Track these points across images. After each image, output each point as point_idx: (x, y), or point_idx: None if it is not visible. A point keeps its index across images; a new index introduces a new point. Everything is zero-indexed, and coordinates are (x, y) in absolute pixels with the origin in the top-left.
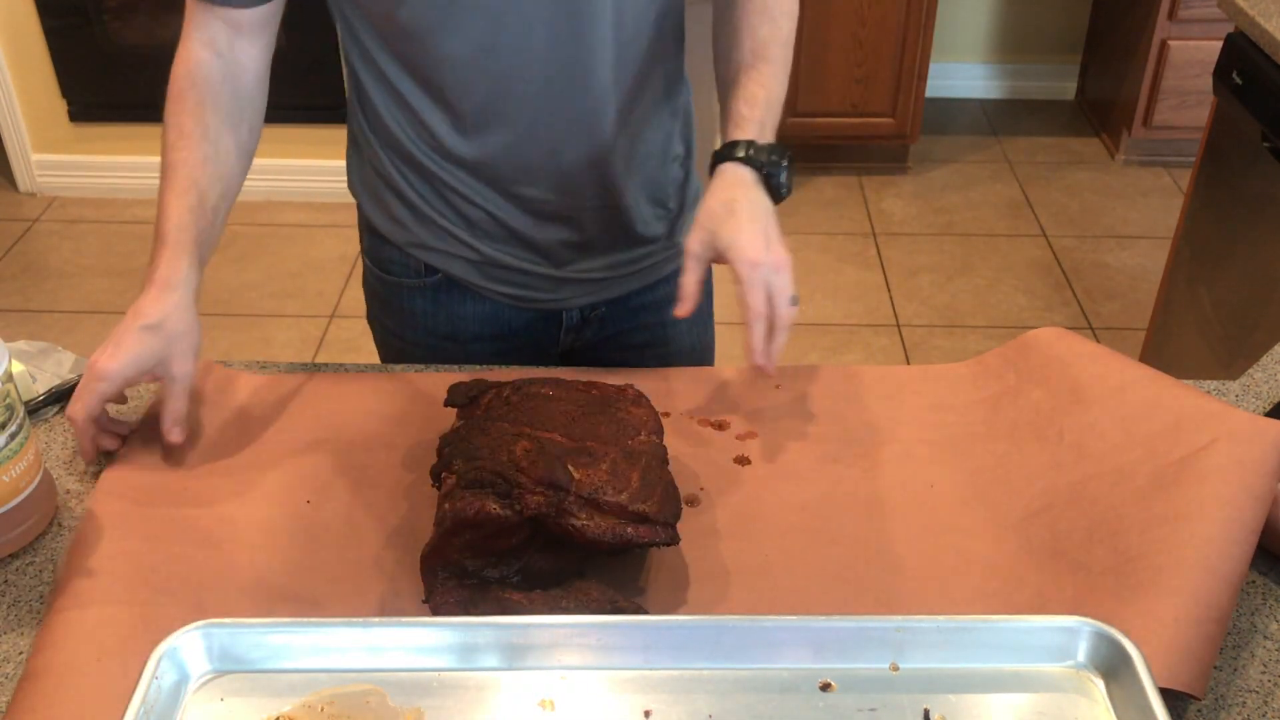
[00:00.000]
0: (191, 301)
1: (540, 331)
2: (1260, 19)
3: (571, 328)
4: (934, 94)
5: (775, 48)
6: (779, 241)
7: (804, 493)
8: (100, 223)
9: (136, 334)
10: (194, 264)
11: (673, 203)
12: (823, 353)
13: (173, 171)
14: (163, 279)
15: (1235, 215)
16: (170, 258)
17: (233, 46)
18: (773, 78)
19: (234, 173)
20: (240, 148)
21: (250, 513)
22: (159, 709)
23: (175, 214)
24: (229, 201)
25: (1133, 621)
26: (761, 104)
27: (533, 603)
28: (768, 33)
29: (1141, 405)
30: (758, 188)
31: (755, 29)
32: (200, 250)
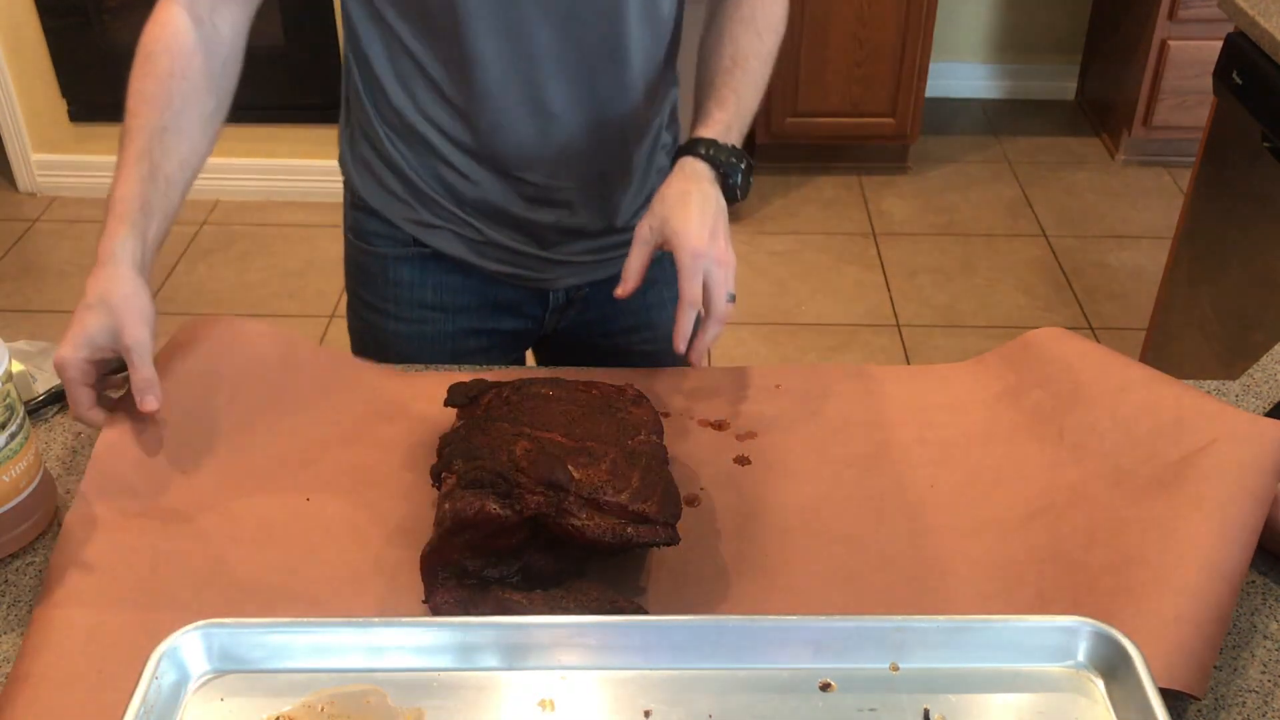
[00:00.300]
0: (133, 272)
1: (526, 308)
2: (1260, 19)
3: (556, 308)
4: (934, 94)
5: (754, 60)
6: (726, 239)
7: (804, 493)
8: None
9: (79, 316)
10: (135, 234)
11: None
12: (823, 353)
13: (128, 138)
14: (105, 253)
15: (1235, 215)
16: (111, 230)
17: (214, 11)
18: (747, 86)
19: (196, 144)
20: (205, 119)
21: (250, 512)
22: (159, 709)
23: (123, 184)
24: (189, 172)
25: (1133, 621)
26: (731, 108)
27: (533, 603)
28: (749, 44)
29: (1141, 405)
30: (713, 185)
31: (738, 38)
32: (147, 220)
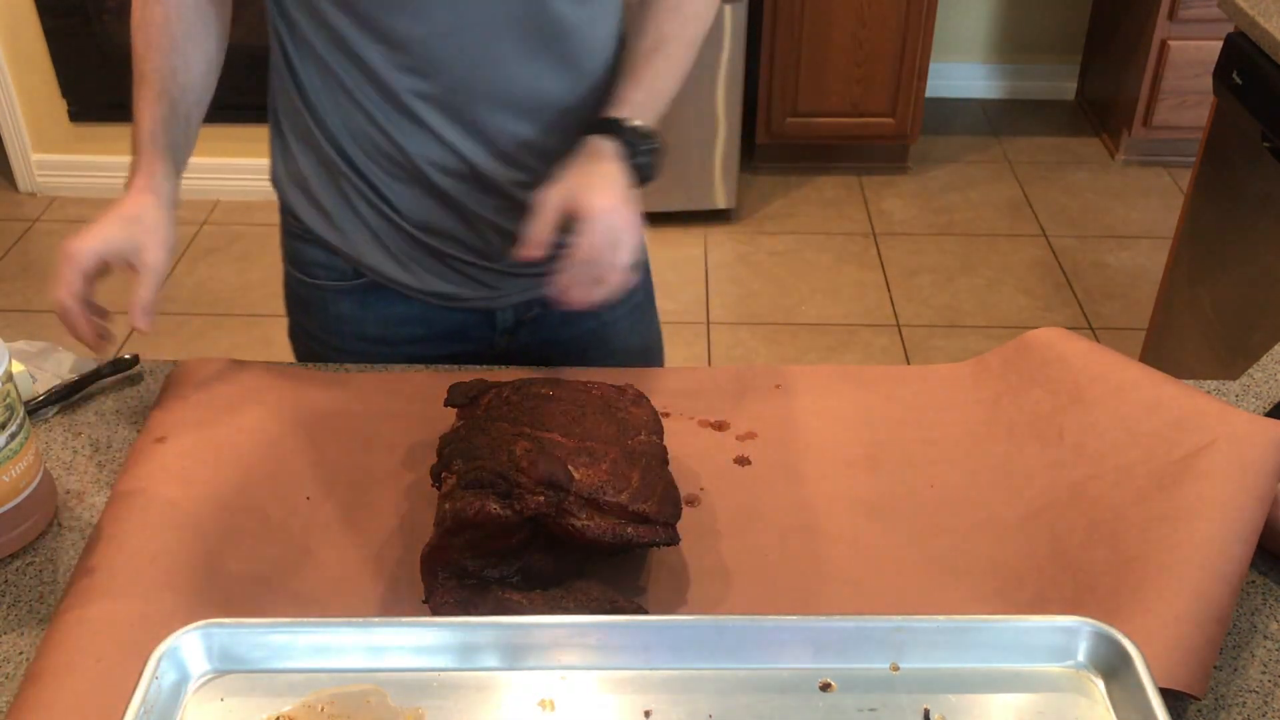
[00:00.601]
0: (169, 204)
1: (473, 331)
2: (1260, 19)
3: (506, 329)
4: (934, 94)
5: (676, 45)
6: (635, 211)
7: (804, 493)
8: None
9: (112, 220)
10: (170, 170)
11: None
12: (823, 353)
13: (144, 81)
14: (142, 184)
15: (1235, 215)
16: (148, 164)
17: None
18: (666, 71)
19: (204, 83)
20: (208, 58)
21: (250, 511)
22: (159, 709)
23: (149, 123)
24: (202, 109)
25: (1133, 621)
26: (645, 89)
27: (533, 603)
28: (672, 30)
29: (1141, 405)
30: (620, 162)
31: (661, 24)
32: (176, 155)
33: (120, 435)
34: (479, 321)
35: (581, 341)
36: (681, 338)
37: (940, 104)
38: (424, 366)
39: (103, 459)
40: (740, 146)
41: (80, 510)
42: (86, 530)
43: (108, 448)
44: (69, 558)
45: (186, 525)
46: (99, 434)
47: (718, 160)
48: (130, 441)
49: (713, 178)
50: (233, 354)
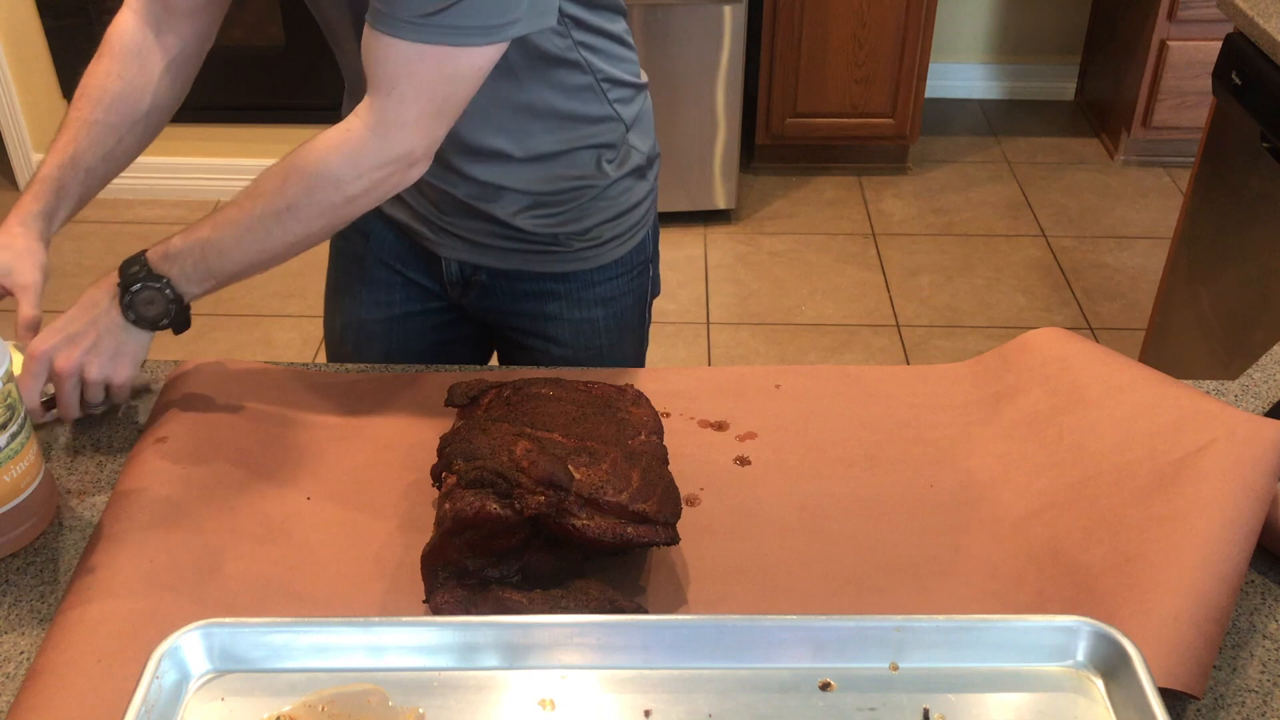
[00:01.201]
0: (37, 236)
1: (428, 269)
2: (1259, 19)
3: (454, 282)
4: (934, 94)
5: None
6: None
7: (804, 493)
8: (101, 223)
9: None
10: (45, 213)
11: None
12: (823, 353)
13: (62, 127)
14: (13, 219)
15: (1235, 215)
16: (27, 203)
17: (160, 24)
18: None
19: (124, 141)
20: (134, 120)
21: (250, 511)
22: (160, 708)
23: (47, 167)
24: (113, 164)
25: (1132, 621)
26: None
27: (533, 602)
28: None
29: (1141, 405)
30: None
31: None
32: (59, 202)
33: (120, 435)
34: (430, 261)
35: (524, 322)
36: (681, 338)
37: (940, 104)
38: (424, 366)
39: (103, 459)
40: (740, 147)
41: (81, 510)
42: (87, 530)
43: (108, 448)
44: (70, 557)
45: (186, 525)
46: (99, 434)
47: (718, 160)
48: (130, 441)
49: (713, 178)
50: (233, 354)
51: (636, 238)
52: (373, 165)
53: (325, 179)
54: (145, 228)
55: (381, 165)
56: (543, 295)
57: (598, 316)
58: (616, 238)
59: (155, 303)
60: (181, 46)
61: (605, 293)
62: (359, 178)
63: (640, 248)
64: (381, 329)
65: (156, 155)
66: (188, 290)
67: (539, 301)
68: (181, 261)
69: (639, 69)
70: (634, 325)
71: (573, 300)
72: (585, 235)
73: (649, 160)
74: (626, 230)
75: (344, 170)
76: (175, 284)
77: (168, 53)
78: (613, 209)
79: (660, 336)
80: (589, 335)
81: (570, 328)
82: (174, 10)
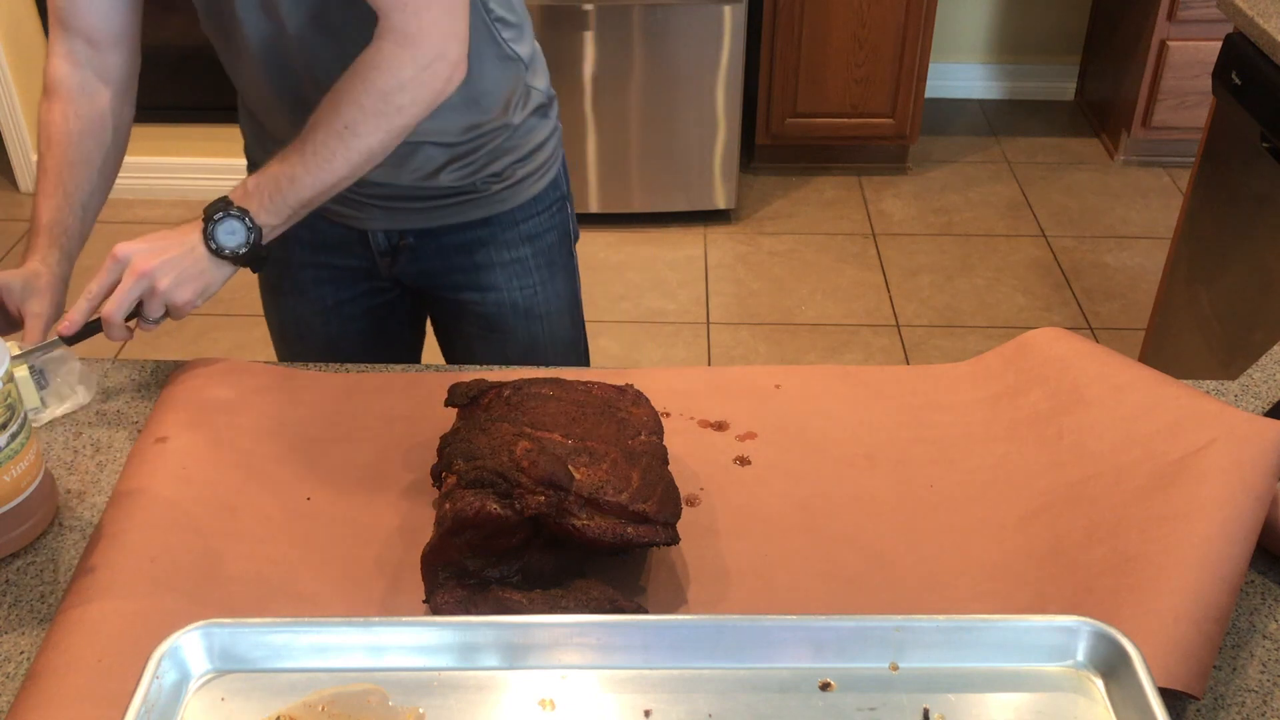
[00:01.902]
0: (61, 276)
1: (354, 248)
2: (1259, 19)
3: (384, 252)
4: (933, 94)
5: (323, 132)
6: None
7: (804, 493)
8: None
9: (14, 271)
10: (62, 258)
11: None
12: (823, 353)
13: (42, 174)
14: (38, 260)
15: (1234, 215)
16: (43, 253)
17: (91, 60)
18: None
19: (102, 174)
20: (104, 150)
21: (250, 511)
22: (160, 708)
23: (46, 211)
24: (100, 198)
25: (1132, 621)
26: (265, 175)
27: (533, 602)
28: (322, 116)
29: (1141, 405)
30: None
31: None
32: (69, 243)
33: (120, 435)
34: (357, 239)
35: (457, 279)
36: (681, 338)
37: (940, 104)
38: (424, 366)
39: (103, 459)
40: (740, 147)
41: (81, 510)
42: (87, 530)
43: (108, 448)
44: (70, 557)
45: (186, 525)
46: (99, 434)
47: (718, 160)
48: (130, 441)
49: (713, 178)
50: (233, 354)
51: (549, 174)
52: (411, 74)
53: (372, 95)
54: (145, 228)
55: (418, 72)
56: (470, 246)
57: (526, 255)
58: (530, 175)
59: (236, 233)
60: (118, 71)
61: (529, 230)
62: (401, 89)
63: (554, 184)
64: (319, 321)
65: (156, 155)
66: (267, 222)
67: (468, 253)
68: (259, 195)
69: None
70: (563, 262)
71: (499, 243)
72: (500, 177)
73: (549, 99)
74: (538, 168)
75: (387, 84)
76: (255, 216)
77: (109, 82)
78: (522, 149)
79: (660, 336)
80: (521, 274)
81: (502, 271)
82: (99, 45)
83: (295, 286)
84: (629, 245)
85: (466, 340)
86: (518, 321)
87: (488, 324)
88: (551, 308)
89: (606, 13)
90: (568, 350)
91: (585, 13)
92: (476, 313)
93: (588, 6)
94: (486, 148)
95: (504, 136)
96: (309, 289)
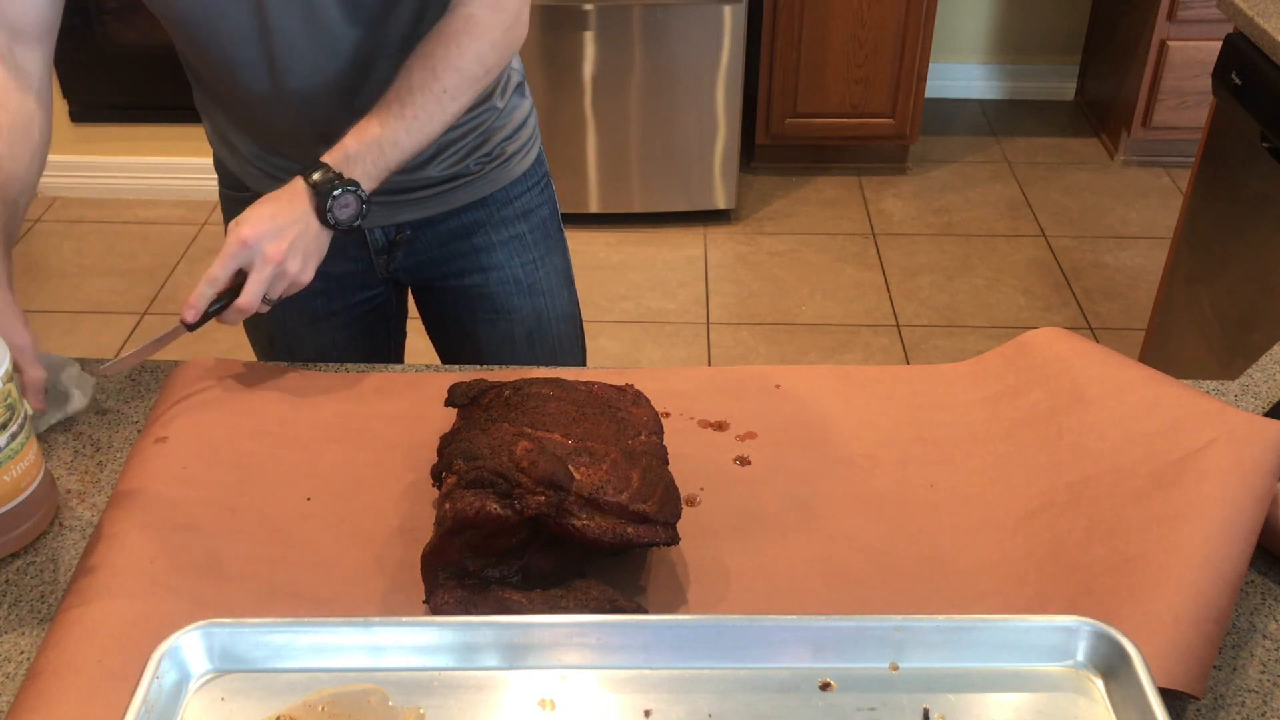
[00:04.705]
0: (5, 285)
1: (349, 250)
2: (1259, 19)
3: (380, 250)
4: (933, 94)
5: (423, 96)
6: (293, 248)
7: (804, 493)
8: (101, 223)
9: None
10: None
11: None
12: (823, 353)
13: None
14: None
15: (1234, 215)
16: None
17: (13, 51)
18: (399, 123)
19: (29, 170)
20: (33, 148)
21: (250, 511)
22: (160, 708)
23: None
24: (28, 195)
25: (1132, 621)
26: (365, 137)
27: (533, 602)
28: (420, 80)
29: (1141, 405)
30: (306, 204)
31: (411, 72)
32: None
33: (120, 435)
34: (353, 241)
35: (458, 264)
36: (681, 338)
37: (940, 104)
38: (424, 366)
39: (103, 459)
40: (740, 147)
41: (81, 510)
42: (87, 530)
43: (108, 448)
44: (70, 557)
45: (186, 525)
46: (99, 434)
47: (717, 160)
48: (130, 441)
49: (712, 178)
50: (233, 354)
51: (534, 150)
52: (499, 36)
53: (470, 60)
54: (145, 228)
55: (504, 34)
56: (468, 229)
57: (523, 230)
58: (518, 152)
59: (349, 206)
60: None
61: (524, 205)
62: (493, 50)
63: (539, 161)
64: (309, 331)
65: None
66: (370, 189)
67: (466, 237)
68: (363, 162)
69: None
70: (556, 237)
71: (496, 221)
72: (490, 157)
73: (522, 78)
74: (524, 145)
75: (482, 48)
76: (364, 185)
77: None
78: (508, 127)
79: (660, 336)
80: (520, 250)
81: (501, 250)
82: (20, 35)
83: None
84: (629, 245)
85: (468, 327)
86: (522, 299)
87: (492, 305)
88: (552, 282)
89: (606, 13)
90: (570, 325)
91: (585, 13)
92: (480, 294)
93: (588, 6)
94: (478, 130)
95: (493, 117)
96: (300, 300)
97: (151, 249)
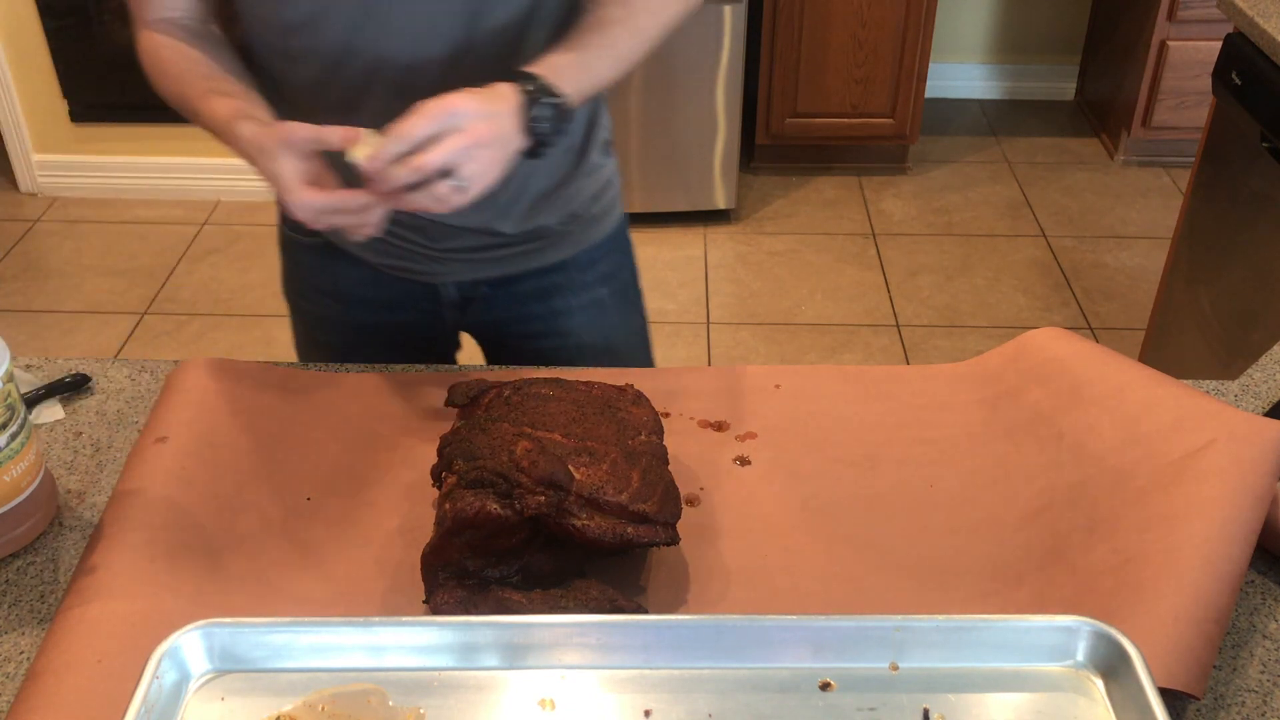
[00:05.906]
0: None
1: (421, 303)
2: (1259, 19)
3: (453, 304)
4: (933, 94)
5: (617, 28)
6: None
7: (804, 493)
8: (101, 223)
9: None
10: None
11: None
12: (823, 353)
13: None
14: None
15: (1234, 215)
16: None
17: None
18: (599, 50)
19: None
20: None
21: (250, 511)
22: (160, 708)
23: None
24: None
25: (1132, 621)
26: (569, 56)
27: (533, 602)
28: (614, 15)
29: (1141, 405)
30: (512, 103)
31: (606, 7)
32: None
33: (120, 435)
34: (424, 294)
35: (533, 326)
36: (681, 338)
37: (940, 104)
38: (424, 366)
39: (103, 459)
40: (740, 147)
41: (81, 510)
42: (87, 530)
43: (108, 448)
44: (70, 557)
45: (186, 525)
46: (99, 434)
47: (717, 160)
48: (130, 441)
49: (713, 178)
50: (233, 354)
51: (617, 210)
52: None
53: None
54: (145, 228)
55: None
56: (548, 291)
57: (604, 295)
58: (603, 214)
59: (548, 120)
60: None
61: (605, 269)
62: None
63: (622, 221)
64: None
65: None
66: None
67: (545, 299)
68: (569, 76)
69: None
70: (635, 300)
71: (576, 285)
72: (577, 217)
73: (610, 133)
74: (608, 205)
75: None
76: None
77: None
78: (592, 186)
79: (660, 336)
80: (599, 315)
81: (581, 314)
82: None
83: (343, 344)
84: None
85: None
86: (594, 361)
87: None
88: (629, 345)
89: None
90: None
91: None
92: (556, 357)
93: None
94: (563, 191)
95: (584, 174)
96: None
97: (151, 249)
